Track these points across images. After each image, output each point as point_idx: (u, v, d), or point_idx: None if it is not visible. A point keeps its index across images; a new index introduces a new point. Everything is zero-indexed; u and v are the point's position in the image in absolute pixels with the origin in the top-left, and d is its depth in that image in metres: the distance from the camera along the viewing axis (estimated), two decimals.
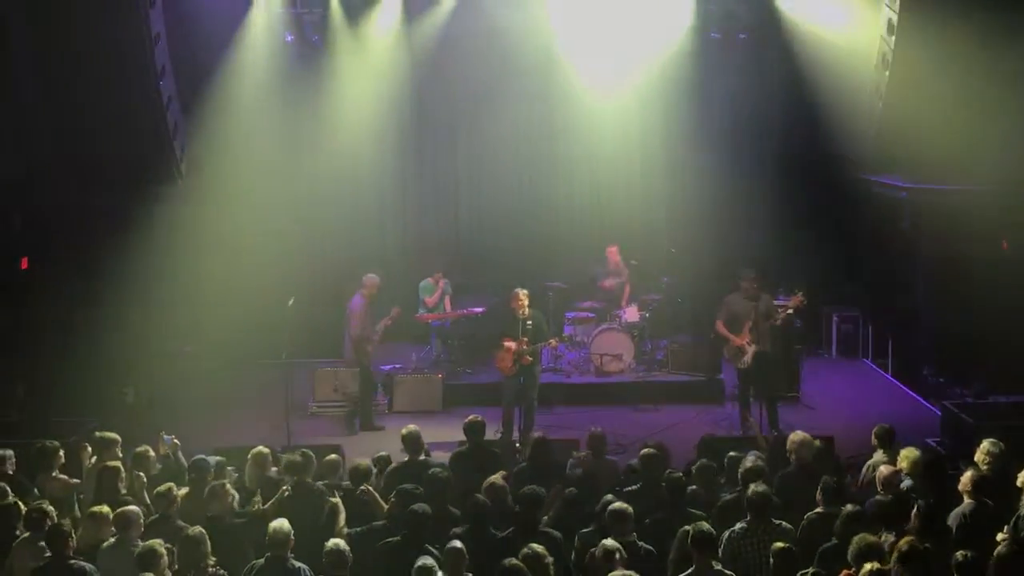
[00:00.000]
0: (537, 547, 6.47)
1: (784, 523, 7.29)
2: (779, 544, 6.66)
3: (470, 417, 9.43)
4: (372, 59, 15.75)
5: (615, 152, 16.25)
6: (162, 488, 7.77)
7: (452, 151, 16.22)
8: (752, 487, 7.39)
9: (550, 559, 6.46)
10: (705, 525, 6.77)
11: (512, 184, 16.27)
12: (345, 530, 7.66)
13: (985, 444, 8.87)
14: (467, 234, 16.41)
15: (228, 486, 7.82)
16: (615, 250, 14.97)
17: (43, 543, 7.16)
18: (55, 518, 7.39)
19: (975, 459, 8.69)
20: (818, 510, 7.53)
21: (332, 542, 6.79)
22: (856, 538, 6.54)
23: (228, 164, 15.87)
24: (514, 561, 6.38)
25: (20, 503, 7.84)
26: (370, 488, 8.35)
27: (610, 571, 6.41)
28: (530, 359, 11.87)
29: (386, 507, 7.92)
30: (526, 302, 11.91)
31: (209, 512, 7.60)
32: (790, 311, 12.26)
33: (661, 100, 16.07)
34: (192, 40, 13.39)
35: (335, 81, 15.86)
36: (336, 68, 15.70)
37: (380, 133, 16.03)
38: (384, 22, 15.25)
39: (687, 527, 6.85)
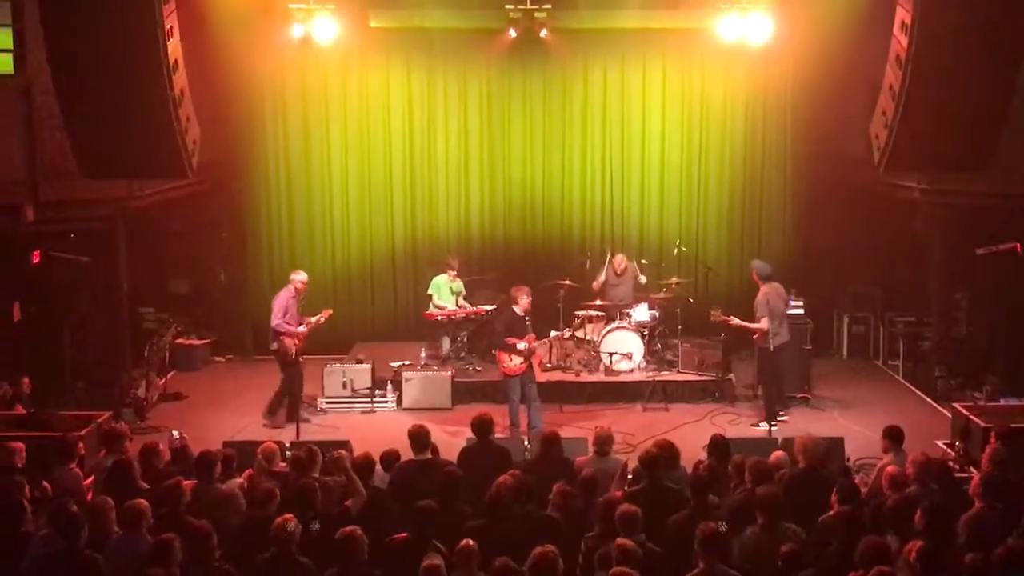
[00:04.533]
0: (550, 549, 6.42)
1: (794, 526, 7.26)
2: (787, 547, 6.63)
3: (478, 414, 9.42)
4: (383, 53, 15.81)
5: (628, 150, 16.22)
6: (170, 482, 7.79)
7: (464, 147, 16.19)
8: (762, 488, 7.37)
9: (561, 564, 6.42)
10: (711, 525, 6.74)
11: (524, 181, 16.24)
12: None
13: (995, 447, 8.85)
14: (477, 231, 16.39)
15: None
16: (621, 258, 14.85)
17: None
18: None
19: (985, 462, 8.66)
20: (831, 513, 7.50)
21: (348, 528, 6.79)
22: (863, 540, 6.50)
23: (237, 159, 15.97)
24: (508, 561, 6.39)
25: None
26: (343, 454, 8.39)
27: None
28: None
29: (363, 488, 7.92)
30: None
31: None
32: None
33: (676, 97, 16.10)
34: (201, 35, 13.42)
35: (345, 75, 15.90)
36: (345, 62, 15.72)
37: (391, 128, 16.06)
38: (396, 17, 15.27)
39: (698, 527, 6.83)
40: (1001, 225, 13.19)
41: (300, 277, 12.99)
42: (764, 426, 12.35)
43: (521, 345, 12.05)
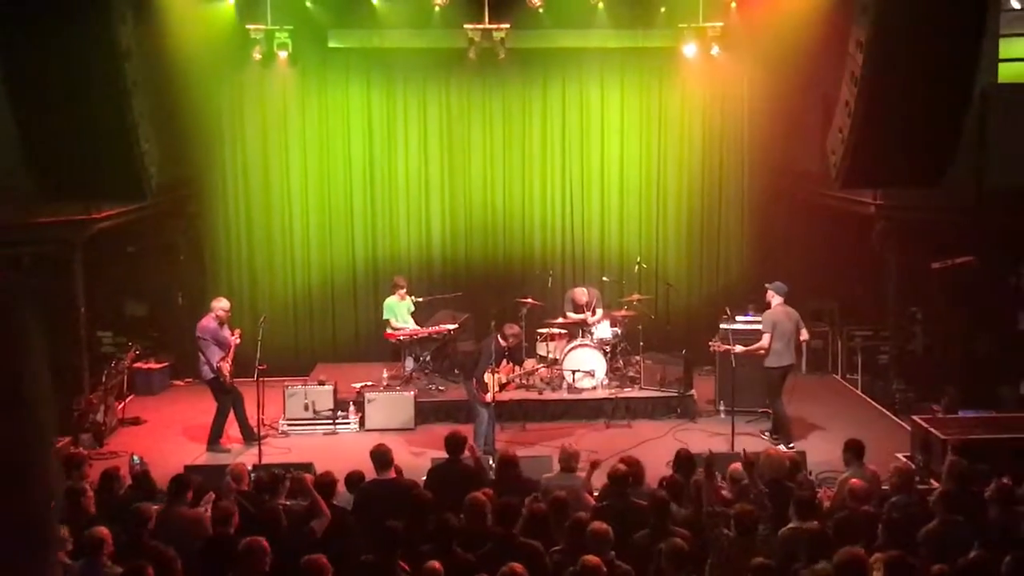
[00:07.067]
0: (518, 566, 6.41)
1: (766, 527, 7.31)
2: (758, 560, 6.67)
3: (451, 431, 9.40)
4: (342, 74, 15.81)
5: (588, 167, 16.33)
6: (134, 507, 7.70)
7: (424, 167, 16.20)
8: (738, 505, 7.43)
9: None
10: (678, 541, 6.78)
11: (485, 200, 16.28)
12: None
13: (954, 460, 8.96)
14: (438, 250, 16.39)
15: None
16: (579, 291, 14.88)
17: None
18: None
19: (944, 475, 8.76)
20: (791, 525, 7.56)
21: (314, 556, 6.73)
22: (841, 552, 6.55)
23: (195, 181, 15.88)
24: None
25: None
26: (303, 477, 8.34)
27: None
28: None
29: (326, 509, 7.87)
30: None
31: None
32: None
33: (634, 115, 16.24)
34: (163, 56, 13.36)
35: (304, 96, 15.87)
36: (304, 83, 15.74)
37: (350, 148, 16.05)
38: (355, 37, 15.30)
39: (662, 544, 6.85)
40: (956, 239, 13.39)
41: (222, 304, 12.85)
42: (782, 447, 12.23)
43: (501, 377, 12.27)
